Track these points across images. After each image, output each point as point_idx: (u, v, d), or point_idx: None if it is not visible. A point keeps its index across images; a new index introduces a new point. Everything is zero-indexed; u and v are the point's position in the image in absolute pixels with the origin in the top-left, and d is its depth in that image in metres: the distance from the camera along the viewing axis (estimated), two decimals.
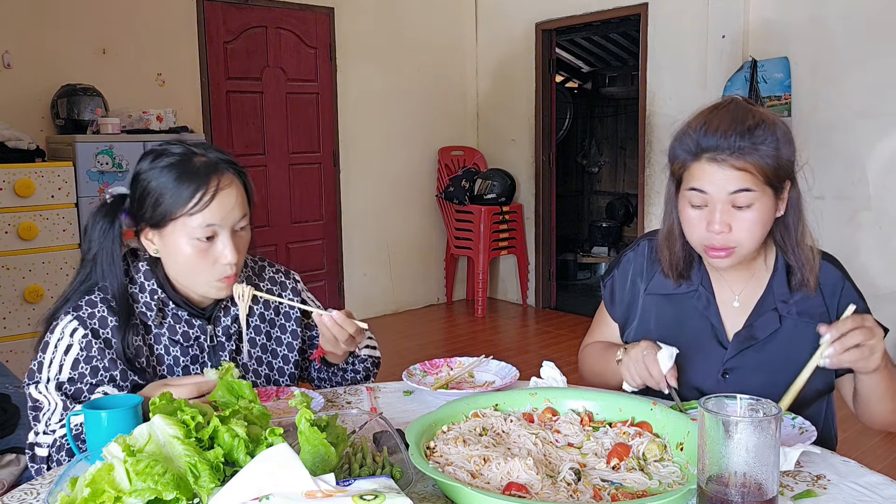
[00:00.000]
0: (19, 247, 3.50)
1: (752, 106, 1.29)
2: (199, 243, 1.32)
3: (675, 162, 1.32)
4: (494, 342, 5.09)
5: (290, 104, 5.06)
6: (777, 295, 1.36)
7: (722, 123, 1.25)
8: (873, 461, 3.04)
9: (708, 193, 1.26)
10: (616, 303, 1.53)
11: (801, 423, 1.22)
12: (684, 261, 1.41)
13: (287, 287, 1.57)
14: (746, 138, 1.23)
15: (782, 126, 1.28)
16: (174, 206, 1.31)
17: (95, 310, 1.34)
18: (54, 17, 4.03)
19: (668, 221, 1.39)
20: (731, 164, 1.24)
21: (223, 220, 1.32)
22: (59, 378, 1.30)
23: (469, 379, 1.56)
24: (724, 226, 1.26)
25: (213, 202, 1.31)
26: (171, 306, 1.40)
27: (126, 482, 0.87)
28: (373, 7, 5.36)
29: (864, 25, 3.97)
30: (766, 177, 1.24)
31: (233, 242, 1.34)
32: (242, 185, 1.37)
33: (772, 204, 1.28)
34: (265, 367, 1.52)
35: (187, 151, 1.34)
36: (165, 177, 1.32)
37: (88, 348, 1.32)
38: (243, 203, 1.36)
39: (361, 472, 0.99)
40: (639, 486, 1.00)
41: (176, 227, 1.32)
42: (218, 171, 1.33)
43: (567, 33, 6.50)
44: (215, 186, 1.31)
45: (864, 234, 4.11)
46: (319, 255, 5.35)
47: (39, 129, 3.99)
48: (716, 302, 1.41)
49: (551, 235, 5.85)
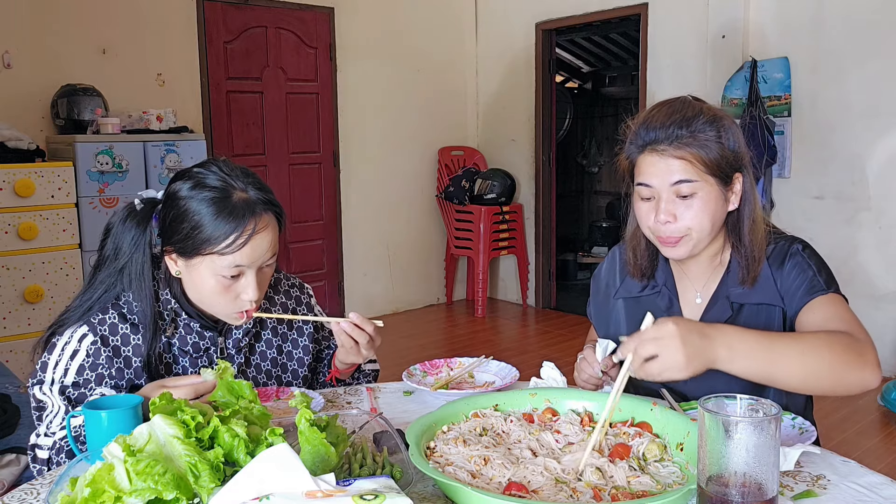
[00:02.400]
0: (19, 247, 3.50)
1: (700, 102, 1.33)
2: (224, 280, 1.30)
3: (627, 159, 1.36)
4: (494, 342, 5.09)
5: (290, 104, 5.06)
6: (730, 285, 1.37)
7: (662, 116, 1.30)
8: (873, 461, 3.04)
9: (653, 186, 1.30)
10: (594, 316, 1.59)
11: (801, 423, 1.22)
12: (648, 259, 1.44)
13: (302, 302, 1.58)
14: (685, 128, 1.27)
15: (728, 119, 1.31)
16: (207, 244, 1.28)
17: (107, 316, 1.33)
18: (54, 17, 4.03)
19: (633, 222, 1.43)
20: (671, 154, 1.27)
21: (252, 263, 1.31)
22: (64, 382, 1.30)
23: (469, 379, 1.57)
24: (668, 215, 1.29)
25: (246, 246, 1.28)
26: (182, 317, 1.39)
27: (126, 482, 0.87)
28: (373, 7, 5.36)
29: (864, 25, 3.97)
30: (708, 166, 1.27)
31: (257, 280, 1.32)
32: (277, 224, 1.34)
33: (718, 195, 1.30)
34: (274, 381, 1.52)
35: (227, 186, 1.30)
36: (204, 210, 1.28)
37: (97, 355, 1.31)
38: (275, 244, 1.33)
39: (361, 472, 0.99)
40: (640, 486, 1.00)
41: (204, 261, 1.30)
42: (256, 212, 1.29)
43: (567, 33, 6.50)
44: (251, 230, 1.28)
45: (864, 234, 4.11)
46: (319, 255, 5.36)
47: (39, 129, 3.99)
48: (678, 301, 1.43)
49: (551, 235, 5.85)
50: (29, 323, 3.52)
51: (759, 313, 1.35)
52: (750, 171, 1.33)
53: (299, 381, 1.55)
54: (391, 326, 5.84)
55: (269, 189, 1.36)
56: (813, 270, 1.31)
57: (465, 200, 5.66)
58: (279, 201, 1.36)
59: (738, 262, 1.36)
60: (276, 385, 1.51)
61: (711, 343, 1.09)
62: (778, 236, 1.38)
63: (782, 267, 1.33)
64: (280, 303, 1.53)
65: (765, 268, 1.34)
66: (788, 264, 1.33)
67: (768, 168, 4.27)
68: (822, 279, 1.30)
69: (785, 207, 4.33)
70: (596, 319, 1.58)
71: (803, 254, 1.34)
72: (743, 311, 1.36)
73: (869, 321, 1.31)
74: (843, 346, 1.16)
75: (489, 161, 5.99)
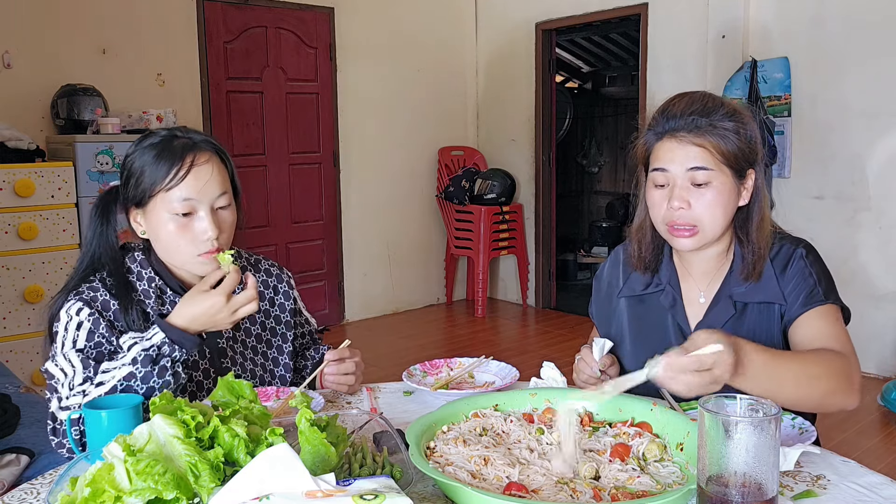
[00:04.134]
0: (19, 247, 3.50)
1: (719, 97, 1.35)
2: (178, 218, 1.34)
3: (643, 147, 1.37)
4: (494, 342, 5.09)
5: (290, 104, 5.06)
6: (733, 284, 1.38)
7: (683, 105, 1.32)
8: (873, 461, 3.04)
9: (669, 171, 1.31)
10: (596, 315, 1.59)
11: (801, 423, 1.22)
12: (653, 253, 1.45)
13: (283, 280, 1.60)
14: (705, 117, 1.29)
15: (747, 115, 1.33)
16: (153, 183, 1.34)
17: (98, 294, 1.36)
18: (54, 17, 4.03)
19: (641, 214, 1.44)
20: (689, 141, 1.29)
21: (200, 195, 1.34)
22: (77, 346, 1.31)
23: (469, 379, 1.57)
24: (683, 202, 1.30)
25: (188, 176, 1.33)
26: (168, 293, 1.42)
27: (126, 482, 0.87)
28: (373, 7, 5.36)
29: (864, 25, 3.97)
30: (725, 157, 1.29)
31: (213, 219, 1.35)
32: (223, 164, 1.39)
33: (732, 187, 1.31)
34: (261, 356, 1.53)
35: (170, 134, 1.38)
36: (146, 156, 1.35)
37: (97, 325, 1.33)
38: (222, 181, 1.38)
39: (361, 472, 0.99)
40: (640, 486, 1.00)
41: (156, 204, 1.35)
42: (195, 148, 1.36)
43: (567, 33, 6.50)
44: (190, 161, 1.34)
45: (864, 234, 4.11)
46: (319, 255, 5.35)
47: (39, 129, 3.99)
48: (682, 300, 1.43)
49: (551, 235, 5.85)
50: (29, 323, 3.52)
51: (761, 312, 1.35)
52: (762, 168, 1.34)
53: (285, 356, 1.56)
54: (391, 326, 5.84)
55: (216, 139, 1.43)
56: (814, 279, 1.33)
57: (465, 200, 5.66)
58: (279, 202, 1.38)
59: (741, 259, 1.37)
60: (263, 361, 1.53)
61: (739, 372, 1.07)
62: (783, 237, 1.39)
63: (785, 271, 1.34)
64: (261, 280, 1.56)
65: (768, 268, 1.35)
66: (791, 270, 1.34)
67: (768, 168, 4.27)
68: (822, 289, 1.32)
69: (785, 207, 4.33)
70: (598, 319, 1.58)
71: (806, 259, 1.35)
72: (746, 311, 1.36)
73: (869, 321, 1.31)
74: (835, 372, 1.20)
75: (489, 161, 5.99)
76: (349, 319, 5.48)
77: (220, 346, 1.46)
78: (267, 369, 1.53)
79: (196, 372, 1.43)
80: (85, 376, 1.27)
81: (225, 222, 1.39)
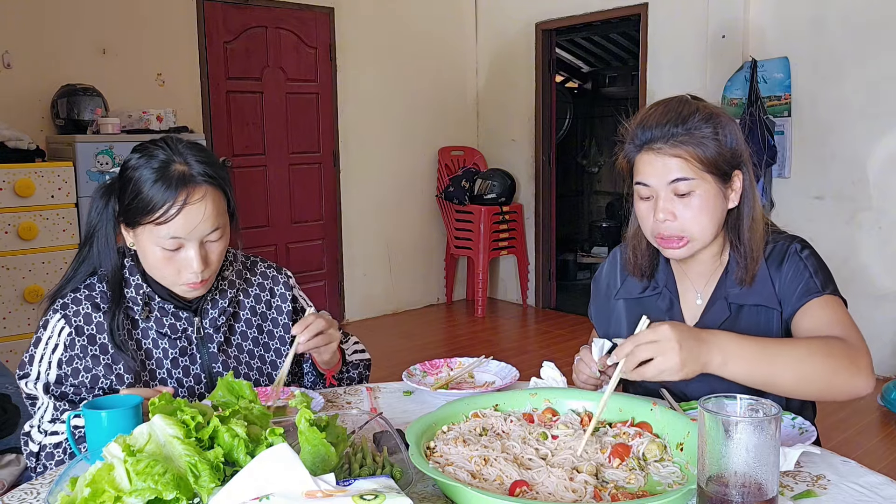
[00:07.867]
0: (19, 247, 3.50)
1: (697, 100, 1.32)
2: (165, 252, 1.32)
3: (625, 159, 1.36)
4: (494, 342, 5.09)
5: (290, 104, 5.05)
6: (728, 285, 1.37)
7: (657, 115, 1.29)
8: (873, 461, 3.04)
9: (650, 185, 1.30)
10: (595, 317, 1.59)
11: (801, 423, 1.22)
12: (648, 259, 1.44)
13: (279, 282, 1.58)
14: (681, 126, 1.27)
15: (724, 116, 1.31)
16: (144, 213, 1.30)
17: (80, 307, 1.37)
18: (54, 17, 4.03)
19: (634, 222, 1.43)
20: (667, 153, 1.28)
21: (189, 234, 1.31)
22: (48, 378, 1.35)
23: (469, 379, 1.57)
24: (667, 213, 1.29)
25: (178, 216, 1.29)
26: (156, 300, 1.41)
27: (126, 482, 0.87)
28: (373, 7, 5.36)
29: (864, 25, 3.97)
30: (705, 164, 1.27)
31: (200, 253, 1.33)
32: (219, 192, 1.35)
33: (717, 192, 1.29)
34: (257, 360, 1.53)
35: (169, 158, 1.32)
36: (145, 178, 1.30)
37: (72, 347, 1.35)
38: (215, 216, 1.33)
39: (361, 472, 0.99)
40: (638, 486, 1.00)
41: (145, 231, 1.32)
42: (189, 183, 1.30)
43: (567, 33, 6.50)
44: (182, 201, 1.29)
45: (864, 234, 4.11)
46: (319, 255, 5.35)
47: (39, 129, 3.99)
48: (679, 302, 1.43)
49: (551, 235, 5.85)
50: (29, 323, 3.52)
51: (757, 314, 1.35)
52: (750, 168, 1.33)
53: (282, 359, 1.54)
54: (391, 326, 5.84)
55: (218, 164, 1.38)
56: (810, 272, 1.31)
57: (465, 200, 5.66)
58: (279, 202, 1.37)
59: (736, 262, 1.36)
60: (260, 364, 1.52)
61: (706, 347, 1.10)
62: (777, 235, 1.38)
63: (780, 268, 1.33)
64: (257, 283, 1.55)
65: (763, 268, 1.34)
66: (786, 266, 1.33)
67: (768, 168, 4.27)
68: (819, 280, 1.30)
69: (785, 207, 4.33)
70: (597, 320, 1.58)
71: (801, 254, 1.33)
72: (741, 312, 1.36)
73: (869, 321, 1.31)
74: (836, 352, 1.16)
75: (489, 161, 5.99)
76: (349, 319, 5.48)
77: (212, 352, 1.46)
78: (264, 373, 1.53)
79: (188, 378, 1.43)
80: (52, 416, 1.33)
81: (213, 253, 1.36)
